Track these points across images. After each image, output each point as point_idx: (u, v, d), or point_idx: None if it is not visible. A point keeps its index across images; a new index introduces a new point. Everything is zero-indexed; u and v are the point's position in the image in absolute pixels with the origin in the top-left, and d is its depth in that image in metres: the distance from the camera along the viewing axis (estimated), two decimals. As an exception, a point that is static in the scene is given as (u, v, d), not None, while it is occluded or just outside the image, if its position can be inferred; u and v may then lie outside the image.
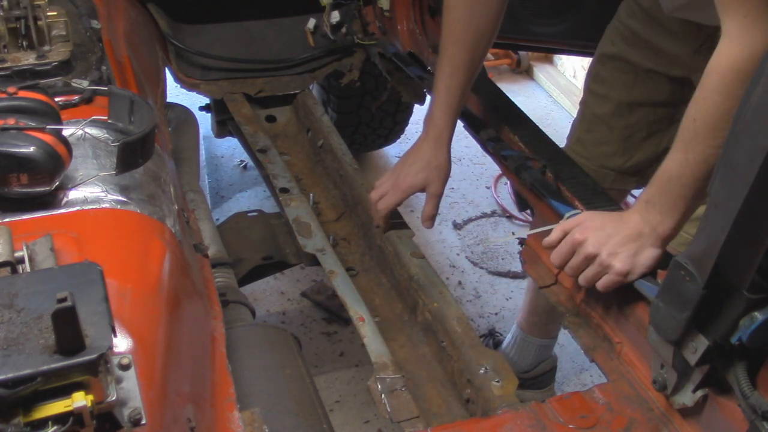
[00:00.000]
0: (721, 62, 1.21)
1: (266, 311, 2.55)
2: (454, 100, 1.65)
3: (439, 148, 1.67)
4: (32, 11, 1.30)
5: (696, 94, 1.24)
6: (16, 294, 0.78)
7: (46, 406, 0.73)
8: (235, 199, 3.09)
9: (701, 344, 1.07)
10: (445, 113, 1.66)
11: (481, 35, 1.60)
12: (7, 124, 1.00)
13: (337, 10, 2.33)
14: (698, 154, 1.24)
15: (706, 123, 1.22)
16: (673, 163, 1.28)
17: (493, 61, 4.23)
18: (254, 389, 1.18)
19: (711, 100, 1.22)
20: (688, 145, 1.25)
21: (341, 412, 2.20)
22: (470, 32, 1.60)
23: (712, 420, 1.17)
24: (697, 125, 1.23)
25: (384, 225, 1.74)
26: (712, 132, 1.21)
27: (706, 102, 1.22)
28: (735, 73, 1.18)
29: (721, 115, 1.20)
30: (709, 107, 1.22)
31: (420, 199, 1.71)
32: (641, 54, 1.74)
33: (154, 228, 1.11)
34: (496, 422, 1.25)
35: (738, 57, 1.18)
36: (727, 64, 1.20)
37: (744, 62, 1.17)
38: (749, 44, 1.17)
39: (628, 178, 1.90)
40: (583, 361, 2.40)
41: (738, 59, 1.18)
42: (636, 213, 1.33)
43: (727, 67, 1.20)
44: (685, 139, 1.26)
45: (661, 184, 1.30)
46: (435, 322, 1.52)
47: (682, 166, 1.26)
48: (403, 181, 1.69)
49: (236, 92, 2.24)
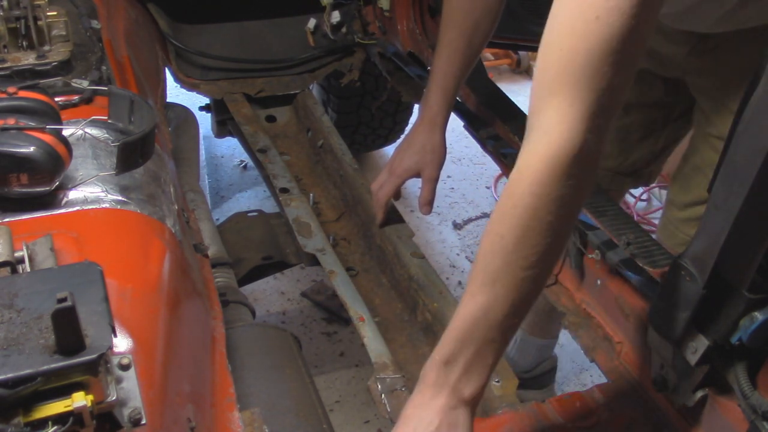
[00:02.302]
0: (539, 158, 0.98)
1: (266, 311, 2.55)
2: (450, 85, 1.65)
3: (433, 132, 1.67)
4: (32, 11, 1.30)
5: (500, 207, 1.02)
6: (16, 294, 0.78)
7: (46, 406, 0.73)
8: (235, 199, 3.09)
9: (701, 344, 1.07)
10: (440, 97, 1.65)
11: (481, 22, 1.60)
12: (7, 124, 1.00)
13: (338, 10, 2.33)
14: (509, 281, 1.01)
15: (517, 237, 0.99)
16: (475, 305, 1.04)
17: (493, 61, 4.23)
18: (254, 389, 1.18)
19: (522, 207, 0.99)
20: (497, 274, 1.01)
21: (341, 412, 2.20)
22: (470, 18, 1.59)
23: (712, 420, 1.17)
24: (506, 242, 1.00)
25: (382, 216, 1.74)
26: (526, 248, 0.99)
27: (516, 211, 0.99)
28: (554, 170, 0.97)
29: (536, 225, 0.98)
30: (521, 216, 0.99)
31: (420, 199, 1.72)
32: None
33: (154, 228, 1.11)
34: (496, 422, 1.25)
35: (560, 151, 0.96)
36: (546, 159, 0.97)
37: (566, 157, 0.96)
38: (572, 137, 0.96)
39: (625, 179, 1.90)
40: (583, 361, 2.40)
41: (560, 153, 0.96)
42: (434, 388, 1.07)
43: (546, 164, 0.97)
44: (490, 269, 1.02)
45: (460, 336, 1.05)
46: (435, 322, 1.52)
47: (488, 304, 1.02)
48: (398, 166, 1.70)
49: (236, 92, 2.24)
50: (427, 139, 1.67)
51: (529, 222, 0.98)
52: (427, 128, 1.67)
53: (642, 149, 1.85)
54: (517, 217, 0.99)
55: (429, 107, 1.67)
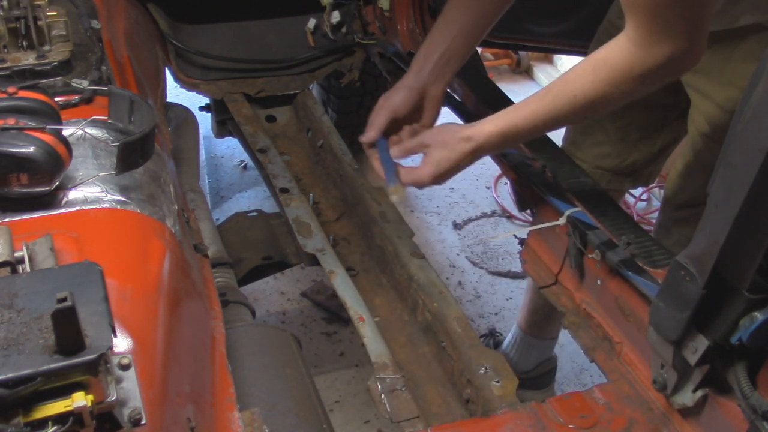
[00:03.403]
0: (621, 62, 1.25)
1: (266, 311, 2.55)
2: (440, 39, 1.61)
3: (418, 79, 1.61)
4: (32, 11, 1.30)
5: (585, 73, 1.30)
6: (16, 294, 0.78)
7: (46, 406, 0.73)
8: (235, 199, 3.09)
9: (701, 344, 1.07)
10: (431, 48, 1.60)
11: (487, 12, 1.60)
12: (7, 124, 1.00)
13: (338, 10, 2.33)
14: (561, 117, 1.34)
15: (586, 102, 1.30)
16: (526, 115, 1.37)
17: (493, 61, 4.23)
18: (254, 389, 1.18)
19: (600, 89, 1.28)
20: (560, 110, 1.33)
21: (341, 412, 2.20)
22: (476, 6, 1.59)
23: (712, 420, 1.17)
24: (577, 101, 1.30)
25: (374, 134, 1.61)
26: (588, 110, 1.32)
27: (594, 87, 1.28)
28: (631, 77, 1.25)
29: (601, 103, 1.30)
30: (597, 93, 1.28)
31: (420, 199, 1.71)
32: None
33: (154, 228, 1.11)
34: (496, 422, 1.25)
35: (639, 63, 1.23)
36: (626, 66, 1.24)
37: (642, 69, 1.23)
38: (653, 55, 1.21)
39: (624, 179, 1.90)
40: (583, 361, 2.40)
41: (638, 65, 1.23)
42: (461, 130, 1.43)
43: (625, 70, 1.25)
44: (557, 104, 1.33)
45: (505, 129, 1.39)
46: (435, 322, 1.52)
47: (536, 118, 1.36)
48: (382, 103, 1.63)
49: (236, 92, 2.24)
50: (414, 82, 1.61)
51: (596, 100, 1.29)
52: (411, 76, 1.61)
53: (641, 149, 1.85)
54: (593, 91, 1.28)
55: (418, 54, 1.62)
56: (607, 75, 1.26)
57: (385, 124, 1.58)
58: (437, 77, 1.60)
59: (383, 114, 1.59)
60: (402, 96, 1.59)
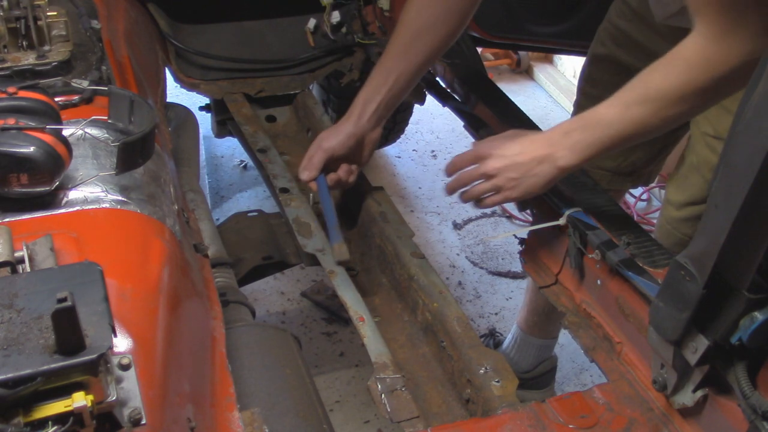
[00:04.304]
0: (696, 58, 1.20)
1: (266, 311, 2.55)
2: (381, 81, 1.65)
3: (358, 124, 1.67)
4: (32, 11, 1.30)
5: (660, 68, 1.24)
6: (16, 294, 0.78)
7: (46, 406, 0.73)
8: (235, 199, 3.09)
9: (701, 344, 1.07)
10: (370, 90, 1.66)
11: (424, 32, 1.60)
12: (7, 124, 1.00)
13: (338, 10, 2.33)
14: (636, 117, 1.26)
15: (661, 95, 1.24)
16: (609, 112, 1.29)
17: (493, 61, 4.23)
18: (254, 389, 1.18)
19: (673, 81, 1.23)
20: (631, 105, 1.27)
21: (341, 412, 2.21)
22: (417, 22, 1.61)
23: (712, 420, 1.17)
24: (650, 93, 1.25)
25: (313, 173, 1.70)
26: (662, 103, 1.24)
27: (668, 78, 1.23)
28: (707, 71, 1.19)
29: (676, 96, 1.22)
30: (672, 84, 1.23)
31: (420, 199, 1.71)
32: (632, 54, 1.74)
33: (154, 228, 1.11)
34: (496, 422, 1.25)
35: (714, 57, 1.18)
36: (701, 63, 1.20)
37: (718, 65, 1.18)
38: (728, 50, 1.16)
39: (624, 179, 1.91)
40: (583, 361, 2.41)
41: (712, 61, 1.19)
42: (547, 139, 1.36)
43: (701, 66, 1.20)
44: (629, 98, 1.27)
45: (586, 123, 1.32)
46: (435, 322, 1.52)
47: (616, 118, 1.28)
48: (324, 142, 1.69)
49: (236, 92, 2.24)
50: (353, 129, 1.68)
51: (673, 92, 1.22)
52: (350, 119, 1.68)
53: (641, 149, 1.85)
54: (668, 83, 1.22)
55: (357, 99, 1.68)
56: (684, 74, 1.22)
57: (322, 164, 1.68)
58: (376, 123, 1.70)
59: (321, 155, 1.68)
60: (340, 140, 1.68)
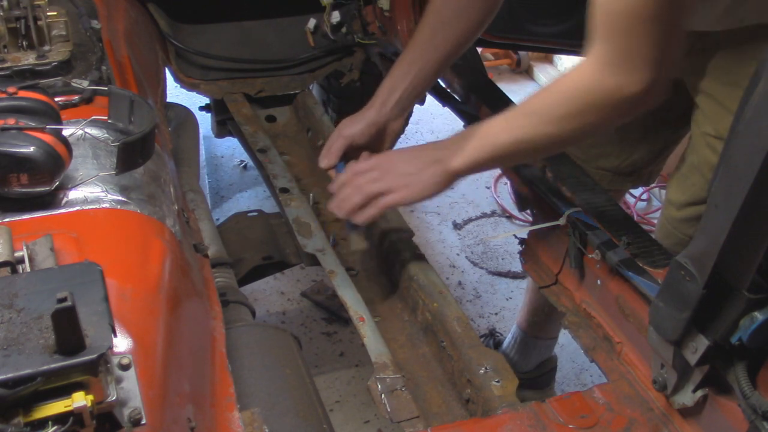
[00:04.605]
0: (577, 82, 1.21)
1: (266, 311, 2.55)
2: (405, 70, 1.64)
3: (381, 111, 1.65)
4: (32, 11, 1.30)
5: (550, 85, 1.26)
6: (16, 294, 0.78)
7: (46, 406, 0.73)
8: (235, 199, 3.08)
9: (701, 344, 1.07)
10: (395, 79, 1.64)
11: (453, 19, 1.62)
12: (7, 124, 1.00)
13: (338, 10, 2.32)
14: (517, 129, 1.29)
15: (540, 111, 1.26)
16: (496, 121, 1.33)
17: (493, 61, 4.23)
18: (254, 389, 1.18)
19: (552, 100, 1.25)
20: (515, 117, 1.30)
21: (341, 412, 2.20)
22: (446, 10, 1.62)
23: (712, 420, 1.17)
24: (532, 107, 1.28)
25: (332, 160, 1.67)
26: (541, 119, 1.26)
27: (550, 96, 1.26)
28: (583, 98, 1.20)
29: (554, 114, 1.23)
30: (551, 102, 1.25)
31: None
32: None
33: (154, 228, 1.11)
34: (496, 422, 1.25)
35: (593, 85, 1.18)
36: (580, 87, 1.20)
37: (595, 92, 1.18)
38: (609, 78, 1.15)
39: (625, 179, 1.90)
40: (583, 361, 2.40)
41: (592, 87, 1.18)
42: (441, 144, 1.41)
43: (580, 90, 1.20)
44: (516, 110, 1.31)
45: (477, 131, 1.35)
46: (435, 322, 1.52)
47: (500, 128, 1.32)
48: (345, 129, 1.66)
49: (236, 92, 2.24)
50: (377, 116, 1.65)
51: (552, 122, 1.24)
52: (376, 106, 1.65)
53: (642, 149, 1.85)
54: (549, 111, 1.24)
55: (382, 87, 1.66)
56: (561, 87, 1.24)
57: (341, 152, 1.64)
58: (399, 112, 1.66)
59: (341, 142, 1.64)
60: (361, 128, 1.64)
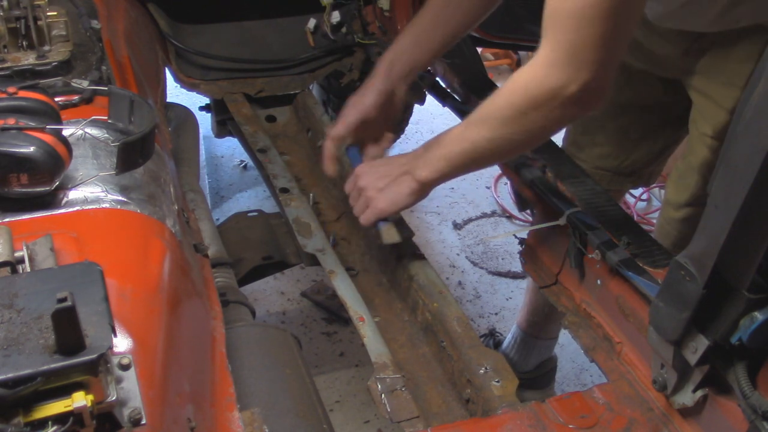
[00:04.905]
0: (521, 81, 1.24)
1: (266, 311, 2.55)
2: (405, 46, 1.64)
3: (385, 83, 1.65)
4: (32, 11, 1.30)
5: (500, 88, 1.30)
6: (16, 294, 0.78)
7: (46, 406, 0.73)
8: (235, 199, 3.08)
9: (701, 344, 1.07)
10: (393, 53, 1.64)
11: None
12: (7, 124, 1.00)
13: (338, 10, 2.32)
14: (474, 135, 1.32)
15: (492, 115, 1.30)
16: (456, 129, 1.37)
17: (493, 61, 4.23)
18: (254, 389, 1.18)
19: (501, 101, 1.28)
20: (471, 123, 1.33)
21: (341, 412, 2.20)
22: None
23: (712, 420, 1.17)
24: (485, 111, 1.31)
25: (332, 166, 1.69)
26: (494, 123, 1.29)
27: (500, 98, 1.29)
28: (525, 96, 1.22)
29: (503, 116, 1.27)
30: (500, 104, 1.29)
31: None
32: (632, 55, 1.73)
33: (154, 228, 1.11)
34: (496, 422, 1.25)
35: (536, 83, 1.20)
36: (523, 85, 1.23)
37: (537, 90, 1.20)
38: (553, 77, 1.17)
39: (625, 179, 1.90)
40: (583, 361, 2.40)
41: (534, 85, 1.21)
42: (411, 155, 1.45)
43: (522, 89, 1.23)
44: (472, 116, 1.34)
45: (440, 139, 1.39)
46: (435, 322, 1.52)
47: (459, 135, 1.36)
48: None
49: (236, 92, 2.24)
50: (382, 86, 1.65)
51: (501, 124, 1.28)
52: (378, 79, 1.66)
53: (641, 150, 1.85)
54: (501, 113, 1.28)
55: (381, 61, 1.67)
56: (508, 88, 1.27)
57: (355, 123, 1.65)
58: (403, 80, 1.67)
59: (354, 113, 1.65)
60: (372, 98, 1.64)
